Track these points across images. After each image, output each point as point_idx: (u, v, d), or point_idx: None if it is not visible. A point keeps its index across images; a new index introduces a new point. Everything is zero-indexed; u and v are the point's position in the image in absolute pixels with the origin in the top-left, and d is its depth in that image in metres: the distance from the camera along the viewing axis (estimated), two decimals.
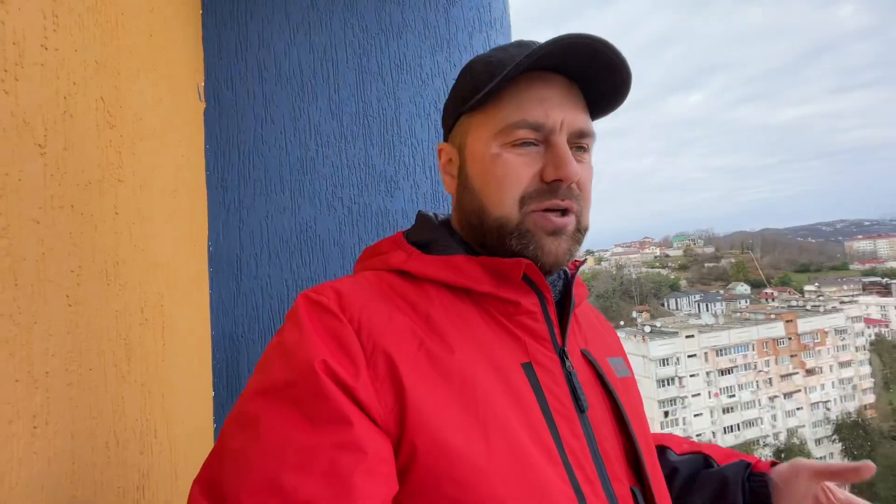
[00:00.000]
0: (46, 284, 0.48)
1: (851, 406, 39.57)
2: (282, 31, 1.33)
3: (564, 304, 0.55)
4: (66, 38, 0.55)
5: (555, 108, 0.50)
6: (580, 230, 0.53)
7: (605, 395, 0.53)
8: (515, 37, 1.53)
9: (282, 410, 0.41)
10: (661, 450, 0.70)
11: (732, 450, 0.68)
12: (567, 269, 0.59)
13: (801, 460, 0.60)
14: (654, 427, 32.99)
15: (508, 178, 0.51)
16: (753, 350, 38.57)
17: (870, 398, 41.75)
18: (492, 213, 0.52)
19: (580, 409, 0.49)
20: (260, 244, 1.25)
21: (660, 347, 35.13)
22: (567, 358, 0.52)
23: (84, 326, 0.55)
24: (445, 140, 0.61)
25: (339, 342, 0.44)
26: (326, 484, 0.38)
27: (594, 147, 0.56)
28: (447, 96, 0.62)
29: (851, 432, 35.06)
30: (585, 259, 0.65)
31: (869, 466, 0.55)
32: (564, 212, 0.51)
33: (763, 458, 0.65)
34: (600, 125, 0.58)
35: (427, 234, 0.57)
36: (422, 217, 0.61)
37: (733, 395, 36.98)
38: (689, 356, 36.11)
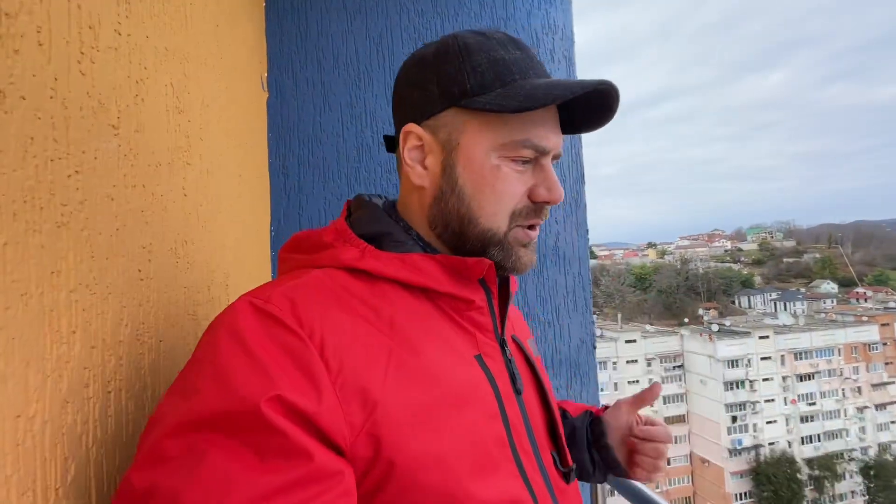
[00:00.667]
0: (120, 258, 0.51)
1: None
2: (339, 19, 1.35)
3: (502, 297, 0.58)
4: (139, 24, 0.57)
5: (550, 132, 0.53)
6: (536, 241, 0.57)
7: (532, 375, 0.60)
8: (577, 15, 1.45)
9: (222, 444, 0.36)
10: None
11: (583, 404, 0.78)
12: None
13: (622, 399, 0.72)
14: (721, 433, 31.00)
15: (505, 193, 0.52)
16: (839, 355, 34.94)
17: None
18: (480, 224, 0.52)
19: (517, 392, 0.54)
20: None
21: (728, 348, 32.73)
22: (507, 347, 0.56)
23: (155, 300, 0.58)
24: (414, 122, 0.54)
25: (297, 364, 0.40)
26: None
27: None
28: (415, 67, 0.55)
29: None
30: None
31: (656, 384, 0.70)
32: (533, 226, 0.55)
33: (602, 407, 0.76)
34: (662, 109, 0.57)
35: (377, 227, 0.53)
36: (369, 205, 0.56)
37: (813, 403, 33.82)
38: (763, 358, 33.40)
